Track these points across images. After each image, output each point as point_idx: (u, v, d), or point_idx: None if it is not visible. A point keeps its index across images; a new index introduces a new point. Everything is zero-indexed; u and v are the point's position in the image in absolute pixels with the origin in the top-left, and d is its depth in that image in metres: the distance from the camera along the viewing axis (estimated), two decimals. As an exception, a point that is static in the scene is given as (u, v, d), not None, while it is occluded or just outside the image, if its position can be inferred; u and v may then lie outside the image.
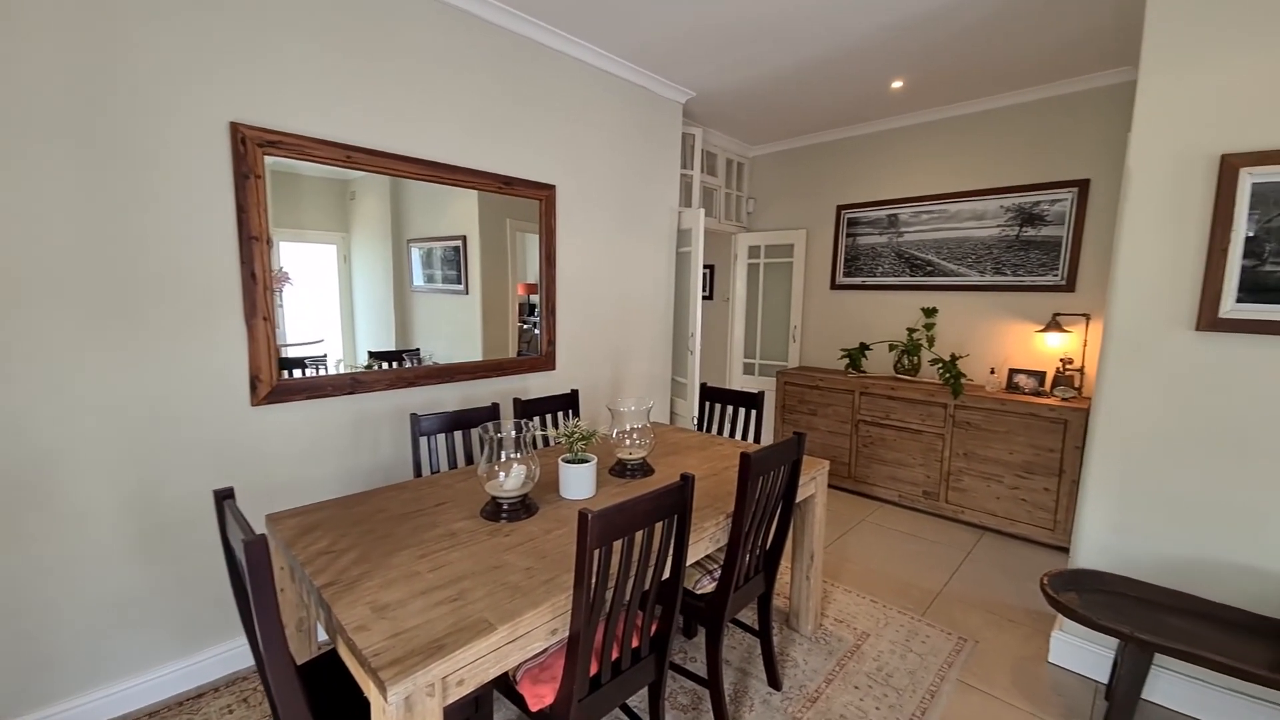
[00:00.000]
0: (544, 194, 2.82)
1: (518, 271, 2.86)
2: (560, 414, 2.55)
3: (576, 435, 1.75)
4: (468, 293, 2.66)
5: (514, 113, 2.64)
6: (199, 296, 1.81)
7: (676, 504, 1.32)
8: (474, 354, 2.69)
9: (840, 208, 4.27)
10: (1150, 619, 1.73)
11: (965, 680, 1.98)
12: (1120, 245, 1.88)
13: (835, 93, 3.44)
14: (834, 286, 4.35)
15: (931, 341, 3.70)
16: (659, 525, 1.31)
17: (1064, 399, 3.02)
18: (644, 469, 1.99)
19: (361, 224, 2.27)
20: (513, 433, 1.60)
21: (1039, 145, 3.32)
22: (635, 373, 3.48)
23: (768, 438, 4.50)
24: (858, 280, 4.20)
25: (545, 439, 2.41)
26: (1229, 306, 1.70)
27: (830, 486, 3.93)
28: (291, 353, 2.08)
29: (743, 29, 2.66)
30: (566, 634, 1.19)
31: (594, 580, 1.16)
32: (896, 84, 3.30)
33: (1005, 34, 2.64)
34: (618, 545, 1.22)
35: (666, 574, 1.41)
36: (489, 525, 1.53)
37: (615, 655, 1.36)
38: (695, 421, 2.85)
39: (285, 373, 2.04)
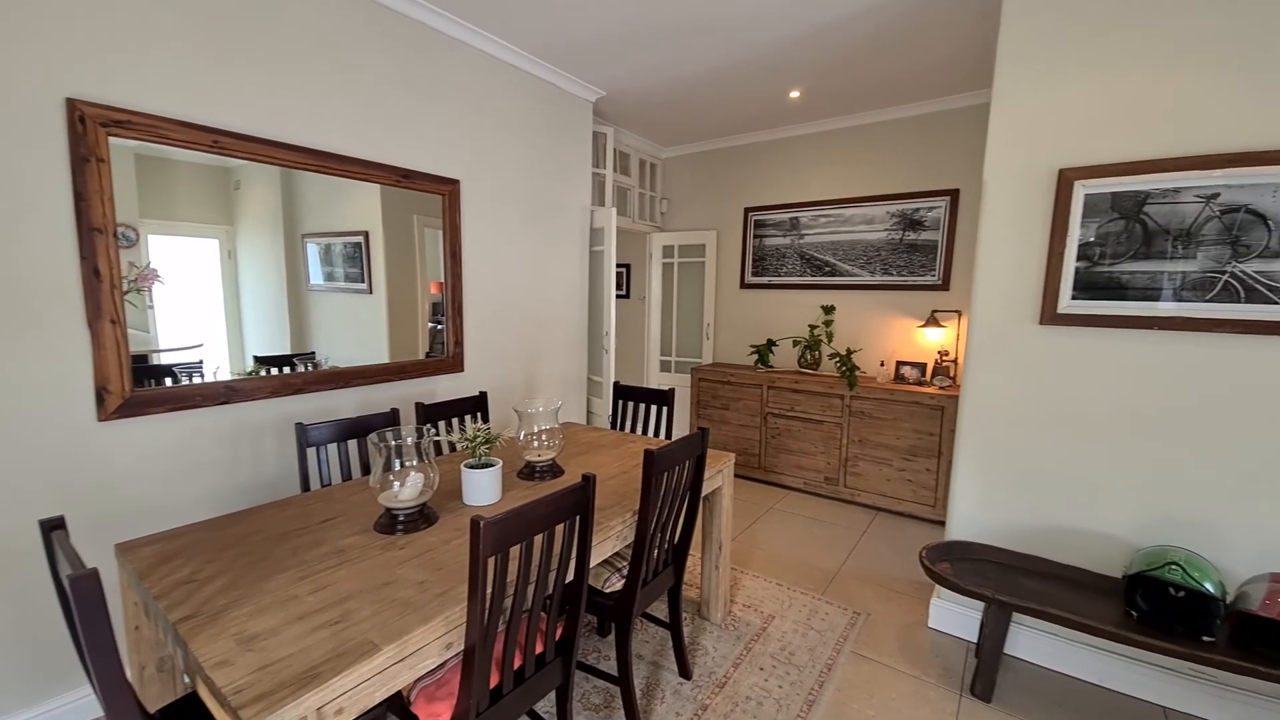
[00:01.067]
0: (447, 189, 2.70)
1: (428, 270, 2.72)
2: (468, 417, 2.47)
3: (479, 439, 1.69)
4: (371, 292, 2.51)
5: (413, 103, 2.51)
6: (28, 298, 1.57)
7: (578, 505, 1.31)
8: (380, 356, 2.54)
9: (748, 210, 4.44)
10: (1010, 582, 1.94)
11: (859, 651, 2.13)
12: (980, 249, 2.10)
13: (741, 99, 3.58)
14: (743, 285, 4.52)
15: (830, 337, 3.95)
16: (560, 527, 1.29)
17: (941, 388, 3.33)
18: (554, 470, 1.96)
19: (249, 217, 2.07)
20: (410, 439, 1.52)
21: (918, 157, 3.63)
22: (550, 373, 3.43)
23: (682, 433, 4.60)
24: (765, 280, 4.40)
25: (448, 444, 2.32)
26: (1066, 303, 1.94)
27: (742, 477, 4.09)
28: (165, 359, 1.86)
29: (652, 34, 2.69)
30: (462, 647, 1.15)
31: (490, 590, 1.13)
32: (794, 94, 3.48)
33: (884, 54, 2.86)
34: (517, 551, 1.19)
35: (571, 576, 1.40)
36: (382, 539, 1.45)
37: (519, 663, 1.33)
38: (611, 420, 2.86)
39: (149, 382, 1.81)
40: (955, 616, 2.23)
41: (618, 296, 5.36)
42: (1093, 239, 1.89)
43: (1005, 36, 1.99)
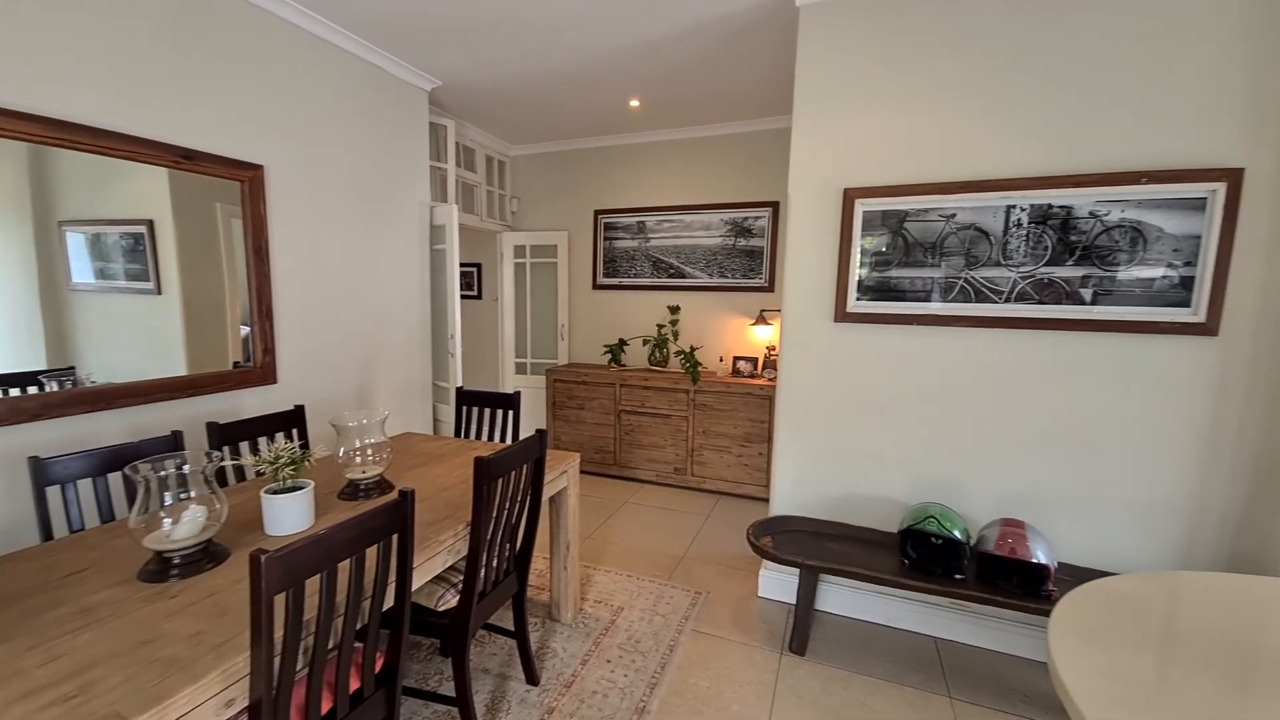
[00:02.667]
0: (247, 175, 2.37)
1: (237, 268, 2.36)
2: (281, 436, 2.19)
3: (282, 459, 1.51)
4: (161, 292, 2.12)
5: (200, 75, 2.16)
6: None
7: (393, 524, 1.23)
8: (176, 368, 2.15)
9: (597, 212, 4.52)
10: (818, 547, 2.22)
11: (698, 629, 2.29)
12: (788, 256, 2.36)
13: (585, 103, 3.62)
14: (596, 286, 4.59)
15: (677, 336, 4.18)
16: (373, 550, 1.20)
17: (770, 379, 3.70)
18: (382, 487, 1.82)
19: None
20: (183, 467, 1.30)
21: (746, 171, 3.97)
22: (389, 380, 3.18)
23: (540, 435, 4.55)
24: (616, 281, 4.51)
25: (239, 469, 2.03)
26: (853, 303, 2.26)
27: (598, 474, 4.16)
28: None
29: (485, 28, 2.61)
30: (247, 703, 1.01)
31: (283, 631, 1.01)
32: (635, 103, 3.61)
33: (708, 74, 3.09)
34: (316, 582, 1.08)
35: (392, 601, 1.31)
36: (149, 589, 1.22)
37: (328, 706, 1.21)
38: (455, 428, 2.73)
39: None
40: (780, 584, 2.49)
41: (469, 297, 5.14)
42: (871, 249, 2.22)
43: (799, 76, 2.26)
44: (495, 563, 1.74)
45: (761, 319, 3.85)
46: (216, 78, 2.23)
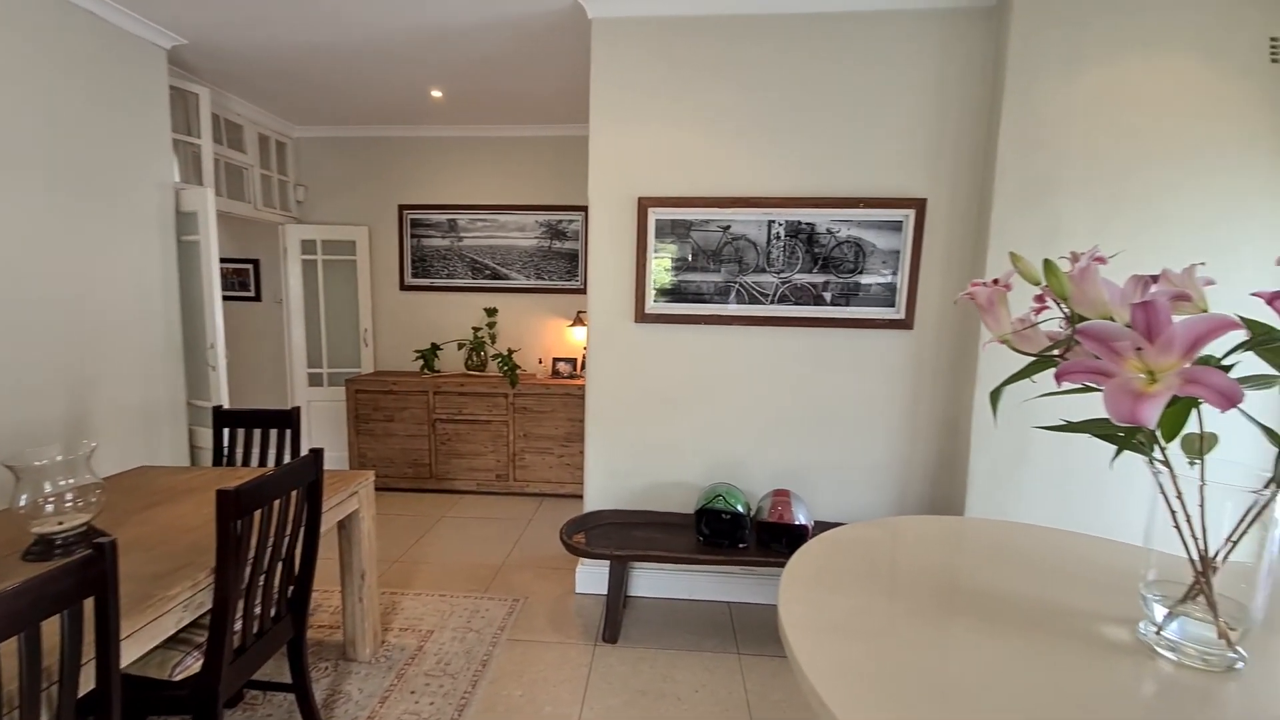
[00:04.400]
0: None
1: None
2: (-75, 488, 1.62)
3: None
4: None
5: None
6: None
7: (82, 586, 0.98)
8: None
9: (403, 207, 4.18)
10: (627, 537, 2.33)
11: (515, 637, 2.25)
12: (591, 259, 2.44)
13: (380, 87, 3.32)
14: (404, 287, 4.25)
15: (494, 338, 4.06)
16: (49, 624, 0.95)
17: (589, 379, 3.80)
18: (90, 539, 1.45)
19: None
20: None
21: (561, 173, 4.01)
22: (119, 402, 2.56)
23: (337, 455, 4.09)
24: (426, 281, 4.22)
25: None
26: (650, 305, 2.42)
27: (411, 490, 3.86)
28: None
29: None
30: None
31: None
32: (437, 93, 3.41)
33: (510, 75, 3.05)
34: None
35: (94, 683, 1.05)
36: None
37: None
38: (215, 455, 2.29)
39: None
40: (595, 577, 2.56)
41: (241, 299, 4.38)
42: (664, 254, 2.39)
43: (594, 87, 2.34)
44: (260, 609, 1.51)
45: (579, 320, 3.93)
46: None
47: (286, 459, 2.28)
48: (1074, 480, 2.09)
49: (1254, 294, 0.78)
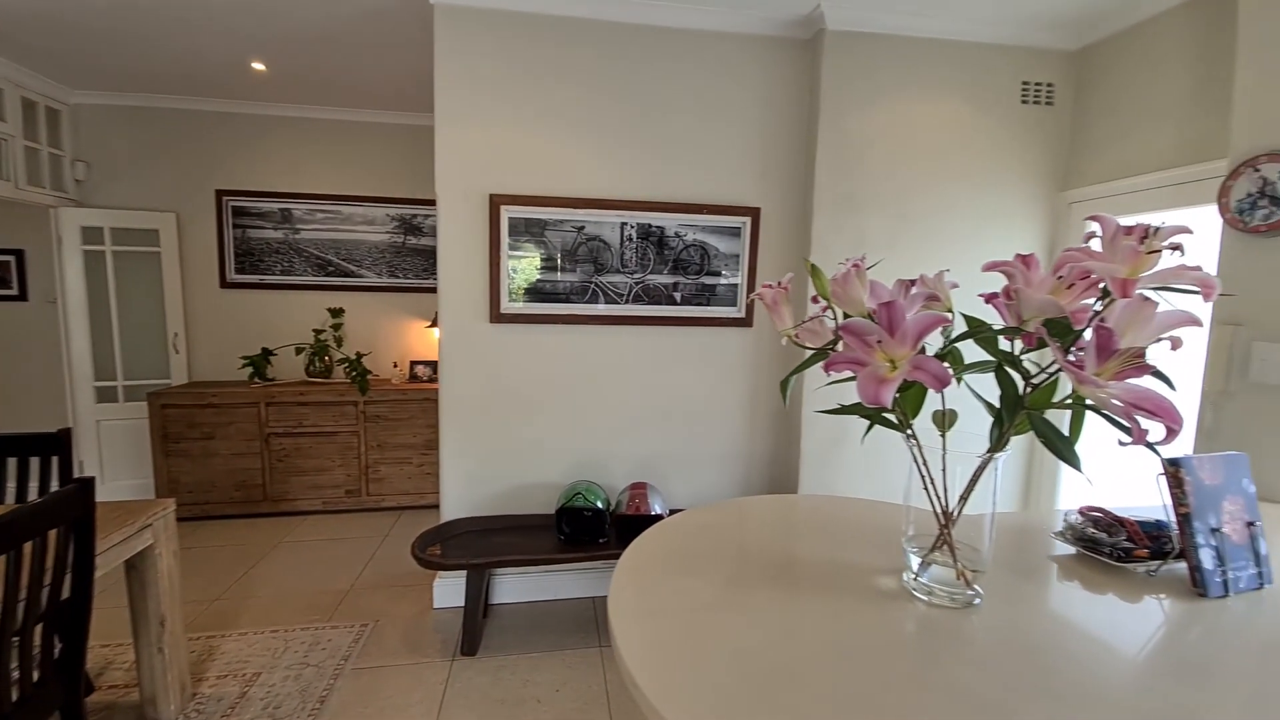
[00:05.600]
0: None
1: None
2: None
3: None
4: None
5: None
6: None
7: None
8: None
9: (222, 193, 3.65)
10: (486, 544, 2.26)
11: (362, 665, 2.08)
12: (441, 257, 2.33)
13: (187, 52, 2.86)
14: (226, 285, 3.71)
15: (340, 341, 3.71)
16: None
17: (450, 382, 3.62)
18: None
19: None
20: None
21: (413, 165, 3.76)
22: None
23: (135, 484, 3.49)
24: (255, 278, 3.73)
25: None
26: (506, 305, 2.37)
27: (239, 516, 3.39)
28: None
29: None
30: None
31: None
32: (259, 66, 3.02)
33: (352, 53, 2.80)
34: None
35: None
36: None
37: None
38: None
39: None
40: (455, 590, 2.45)
41: (4, 299, 3.54)
42: (519, 253, 2.35)
43: (439, 77, 2.23)
44: (19, 674, 1.23)
45: (438, 321, 3.72)
46: None
47: (54, 489, 1.88)
48: (877, 455, 2.41)
49: (979, 295, 0.95)
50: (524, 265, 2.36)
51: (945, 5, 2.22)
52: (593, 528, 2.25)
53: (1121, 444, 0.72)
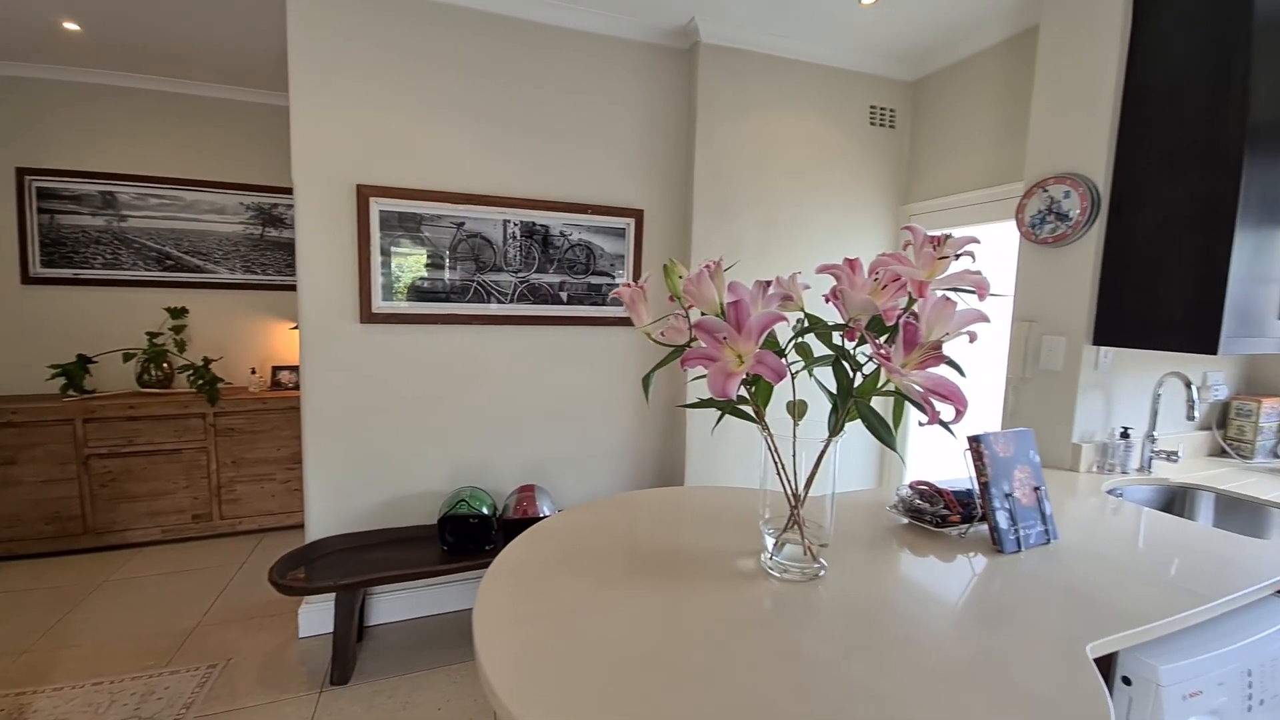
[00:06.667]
0: None
1: None
2: None
3: None
4: None
5: None
6: None
7: None
8: None
9: (24, 171, 3.06)
10: (360, 562, 2.10)
11: (207, 712, 1.83)
12: (300, 252, 2.12)
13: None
14: (29, 280, 3.12)
15: (183, 346, 3.26)
16: None
17: (321, 389, 3.32)
18: None
19: None
20: None
21: (276, 149, 3.40)
22: None
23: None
24: (69, 273, 3.17)
25: None
26: (378, 304, 2.21)
27: (52, 555, 2.87)
28: None
29: None
30: None
31: None
32: (71, 25, 2.58)
33: (189, 19, 2.48)
34: None
35: None
36: None
37: None
38: None
39: None
40: (324, 616, 2.25)
41: None
42: (393, 249, 2.21)
43: (293, 52, 2.03)
44: None
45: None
46: None
47: None
48: (757, 444, 2.57)
49: (824, 295, 1.04)
50: (399, 262, 2.23)
51: (806, 31, 2.42)
52: (478, 535, 2.17)
53: (921, 424, 0.83)
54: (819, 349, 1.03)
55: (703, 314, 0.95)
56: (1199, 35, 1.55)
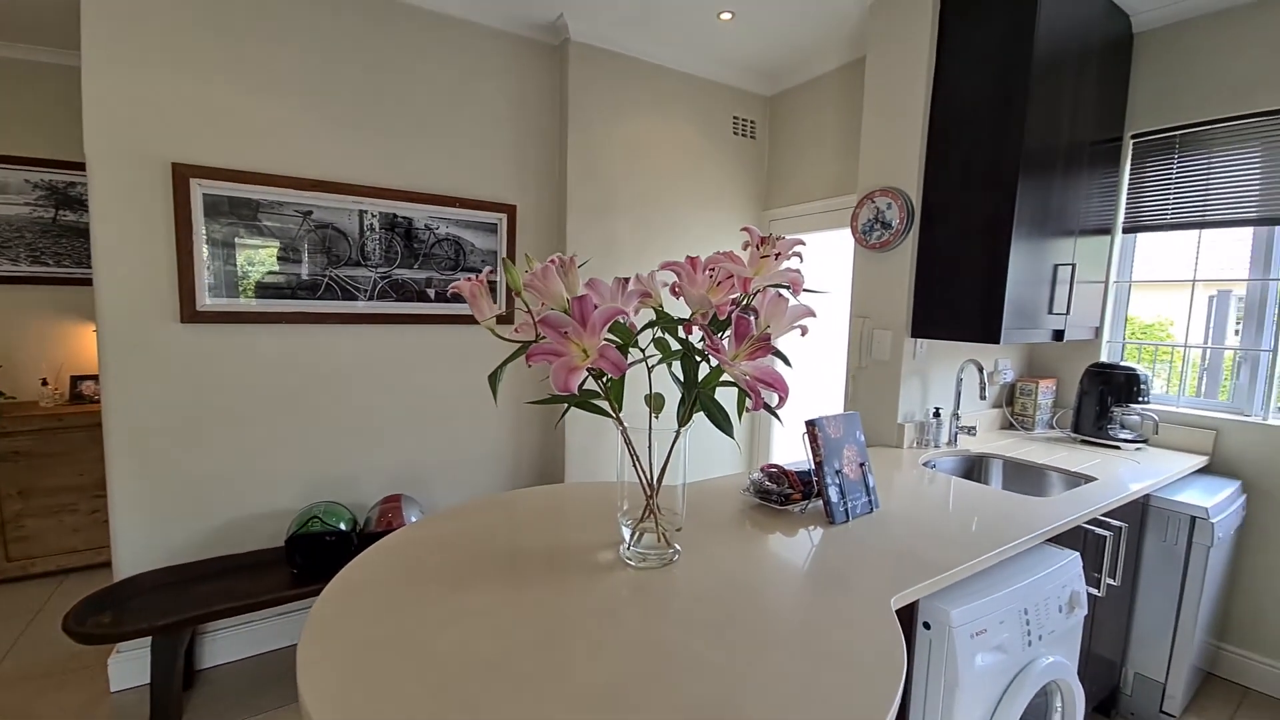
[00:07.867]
0: None
1: None
2: None
3: None
4: None
5: None
6: None
7: None
8: None
9: None
10: (185, 599, 1.83)
11: (-27, 799, 1.50)
12: (96, 241, 1.80)
13: None
14: None
15: (-60, 354, 2.63)
16: None
17: (140, 401, 2.85)
18: None
19: None
20: None
21: (73, 119, 2.84)
22: None
23: None
24: None
25: None
26: (205, 301, 1.94)
27: None
28: None
29: None
30: None
31: None
32: None
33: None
34: None
35: None
36: None
37: None
38: None
39: None
40: (140, 665, 1.93)
41: None
42: (223, 239, 1.95)
43: (85, 17, 1.72)
44: None
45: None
46: None
47: None
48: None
49: (670, 289, 1.08)
50: (232, 254, 1.97)
51: (674, 39, 2.51)
52: (335, 554, 1.99)
53: (748, 409, 0.89)
54: (676, 344, 1.08)
55: (546, 308, 0.95)
56: (989, 69, 1.83)
